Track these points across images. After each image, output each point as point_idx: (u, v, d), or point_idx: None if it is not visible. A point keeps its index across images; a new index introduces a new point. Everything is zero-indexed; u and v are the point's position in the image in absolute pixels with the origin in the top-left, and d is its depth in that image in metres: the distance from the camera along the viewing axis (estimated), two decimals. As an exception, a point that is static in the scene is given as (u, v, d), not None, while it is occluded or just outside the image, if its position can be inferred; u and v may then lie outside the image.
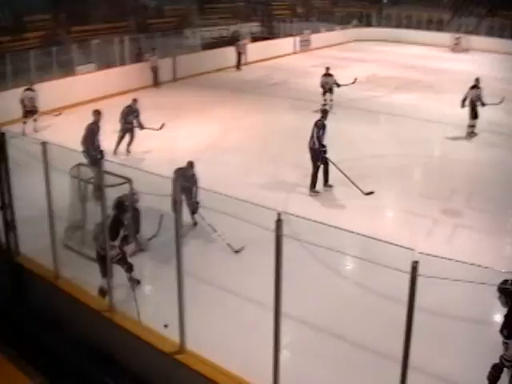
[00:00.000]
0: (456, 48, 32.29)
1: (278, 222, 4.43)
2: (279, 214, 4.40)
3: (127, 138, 11.77)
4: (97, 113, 10.02)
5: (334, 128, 12.91)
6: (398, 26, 36.04)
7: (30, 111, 13.25)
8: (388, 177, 10.62)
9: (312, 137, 9.73)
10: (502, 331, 4.57)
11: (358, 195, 9.58)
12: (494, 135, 13.83)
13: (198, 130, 12.00)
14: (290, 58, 27.09)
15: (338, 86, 15.69)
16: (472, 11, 35.08)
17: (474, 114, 13.29)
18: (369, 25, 36.94)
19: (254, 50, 25.12)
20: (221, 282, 6.95)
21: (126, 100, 17.28)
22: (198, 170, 8.72)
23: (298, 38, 29.12)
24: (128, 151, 11.76)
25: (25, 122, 12.93)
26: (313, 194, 9.78)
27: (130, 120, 11.61)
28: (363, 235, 7.06)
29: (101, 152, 9.22)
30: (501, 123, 14.61)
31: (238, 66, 23.24)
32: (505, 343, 4.57)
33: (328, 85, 15.67)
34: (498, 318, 6.87)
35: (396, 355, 4.15)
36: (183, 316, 5.36)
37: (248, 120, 14.75)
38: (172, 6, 28.31)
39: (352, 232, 5.21)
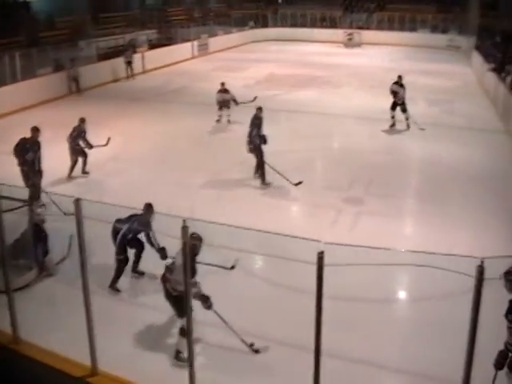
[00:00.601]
0: (349, 43, 33.71)
1: (184, 229, 4.41)
2: (184, 221, 4.39)
3: (80, 160, 11.05)
4: (36, 130, 9.49)
5: (237, 129, 13.08)
6: (294, 25, 37.18)
7: None
8: (291, 172, 10.83)
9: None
10: (507, 316, 4.59)
11: (263, 193, 9.73)
12: (388, 123, 14.57)
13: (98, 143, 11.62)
14: (188, 62, 27.04)
15: (237, 103, 14.88)
16: (362, 7, 36.78)
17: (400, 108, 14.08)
18: (265, 25, 37.70)
19: (153, 57, 24.82)
20: (129, 298, 6.79)
21: (21, 117, 16.62)
22: (101, 182, 8.52)
23: (195, 43, 29.12)
24: (86, 172, 11.07)
25: None
26: (264, 187, 10.15)
27: (78, 142, 10.92)
28: (270, 232, 7.21)
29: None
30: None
31: (128, 75, 22.39)
32: (509, 328, 4.59)
33: (224, 102, 14.76)
34: (404, 295, 7.27)
35: (312, 346, 4.24)
36: (93, 337, 5.19)
37: (150, 128, 14.56)
38: (64, 17, 27.33)
39: (258, 230, 5.27)
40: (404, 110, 14.12)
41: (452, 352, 4.56)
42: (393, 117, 14.22)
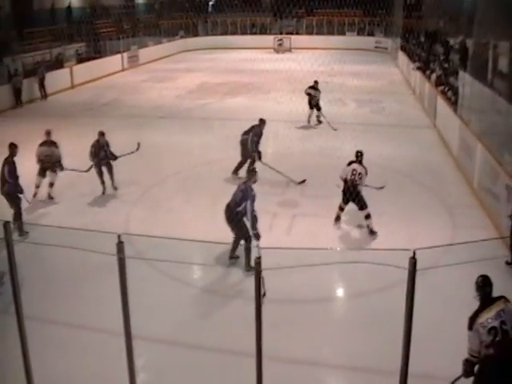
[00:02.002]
0: (280, 49, 34.25)
1: (119, 245, 4.34)
2: (119, 237, 4.33)
3: (106, 173, 10.64)
4: (14, 146, 9.02)
5: (172, 140, 12.95)
6: (224, 33, 37.47)
7: None
8: (225, 180, 10.87)
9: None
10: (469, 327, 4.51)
11: (196, 204, 9.68)
12: (320, 125, 14.91)
13: (24, 165, 11.14)
14: (119, 75, 26.66)
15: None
16: (291, 12, 37.43)
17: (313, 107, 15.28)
18: (196, 34, 37.86)
19: (82, 71, 24.29)
20: (67, 319, 6.59)
21: None
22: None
23: (125, 55, 28.75)
24: (115, 187, 10.71)
25: None
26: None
27: (102, 156, 10.51)
28: (205, 241, 7.19)
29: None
30: (324, 113, 15.73)
31: (42, 95, 21.17)
32: (469, 335, 4.50)
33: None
34: (341, 293, 7.42)
35: (253, 350, 4.25)
36: (29, 364, 4.99)
37: (82, 145, 14.15)
38: (-14, 34, 26.30)
39: (193, 240, 5.25)
40: (318, 109, 15.23)
41: (390, 343, 4.70)
42: (310, 115, 15.36)
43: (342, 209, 8.71)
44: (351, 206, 8.72)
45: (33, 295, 6.47)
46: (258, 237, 7.16)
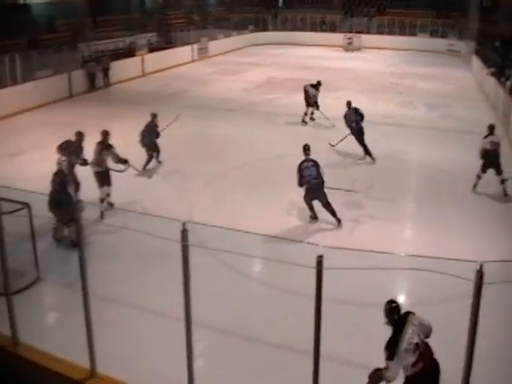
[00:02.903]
0: (349, 47, 33.81)
1: (184, 232, 4.43)
2: (184, 224, 4.41)
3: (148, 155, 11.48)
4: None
5: (237, 133, 13.09)
6: (294, 28, 37.26)
7: None
8: (289, 177, 10.84)
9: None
10: (385, 349, 4.55)
11: (260, 198, 9.71)
12: (388, 127, 14.61)
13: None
14: (188, 66, 27.09)
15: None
16: (362, 11, 36.89)
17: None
18: (265, 29, 37.87)
19: (152, 60, 24.89)
20: (128, 300, 6.79)
21: (21, 119, 16.60)
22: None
23: (195, 46, 29.19)
24: (159, 161, 11.72)
25: None
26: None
27: (153, 139, 11.35)
28: (269, 236, 7.24)
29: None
30: (392, 116, 15.44)
31: (105, 83, 21.73)
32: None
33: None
34: (402, 299, 7.27)
35: (311, 349, 4.24)
36: (92, 339, 5.19)
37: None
38: (64, 20, 27.37)
39: (256, 234, 5.28)
40: (317, 108, 15.06)
41: (452, 356, 4.57)
42: (305, 113, 15.20)
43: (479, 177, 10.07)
44: (420, 210, 8.49)
45: (98, 273, 6.73)
46: None
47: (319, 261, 4.06)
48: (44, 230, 8.18)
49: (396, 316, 4.61)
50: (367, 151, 11.86)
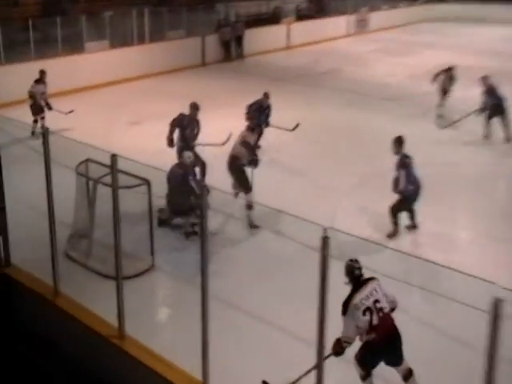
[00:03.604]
0: None
1: (324, 240, 4.42)
2: (325, 231, 4.42)
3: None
4: (195, 106, 10.19)
5: (398, 129, 12.79)
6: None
7: (40, 108, 13.43)
8: (460, 189, 10.61)
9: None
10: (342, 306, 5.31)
11: (420, 213, 9.55)
12: None
13: (225, 127, 12.02)
14: (342, 41, 27.28)
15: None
16: None
17: None
18: (443, 0, 36.46)
19: (300, 30, 25.34)
20: (252, 308, 7.02)
21: (146, 84, 17.70)
22: (218, 177, 9.00)
23: (352, 18, 29.23)
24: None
25: (36, 121, 13.24)
26: None
27: (262, 120, 11.80)
28: (433, 262, 7.06)
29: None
30: None
31: (238, 54, 22.58)
32: None
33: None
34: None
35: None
36: (207, 348, 5.42)
37: (290, 116, 14.84)
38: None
39: (419, 258, 5.12)
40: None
41: None
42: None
43: None
44: None
45: (219, 271, 7.06)
46: None
47: (495, 304, 3.77)
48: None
49: (358, 272, 5.34)
50: None
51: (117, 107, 15.48)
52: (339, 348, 5.32)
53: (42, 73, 12.98)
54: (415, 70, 20.69)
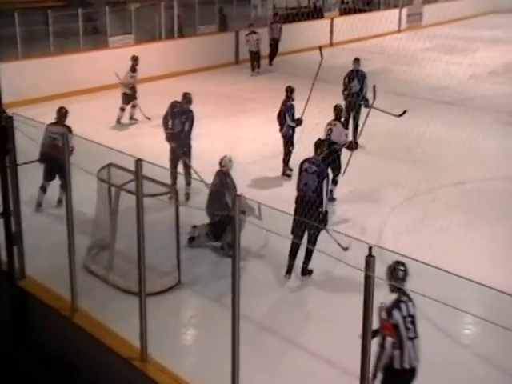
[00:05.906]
0: None
1: (369, 259, 4.43)
2: (370, 249, 4.42)
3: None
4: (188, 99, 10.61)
5: (455, 137, 12.69)
6: None
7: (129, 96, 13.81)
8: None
9: None
10: None
11: (483, 232, 9.48)
12: None
13: (265, 129, 12.13)
14: (392, 37, 27.20)
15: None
16: None
17: None
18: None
19: (344, 25, 25.32)
20: (287, 332, 7.08)
21: (170, 84, 17.93)
22: (265, 182, 9.04)
23: (404, 11, 29.16)
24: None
25: (123, 109, 13.50)
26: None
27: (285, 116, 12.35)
28: (498, 290, 6.99)
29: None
30: None
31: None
32: None
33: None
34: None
35: None
36: (237, 373, 5.47)
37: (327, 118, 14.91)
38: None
39: (482, 285, 5.05)
40: None
41: None
42: None
43: None
44: None
45: (251, 287, 7.09)
46: None
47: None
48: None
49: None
50: None
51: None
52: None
53: (135, 59, 14.05)
54: (477, 70, 20.58)
